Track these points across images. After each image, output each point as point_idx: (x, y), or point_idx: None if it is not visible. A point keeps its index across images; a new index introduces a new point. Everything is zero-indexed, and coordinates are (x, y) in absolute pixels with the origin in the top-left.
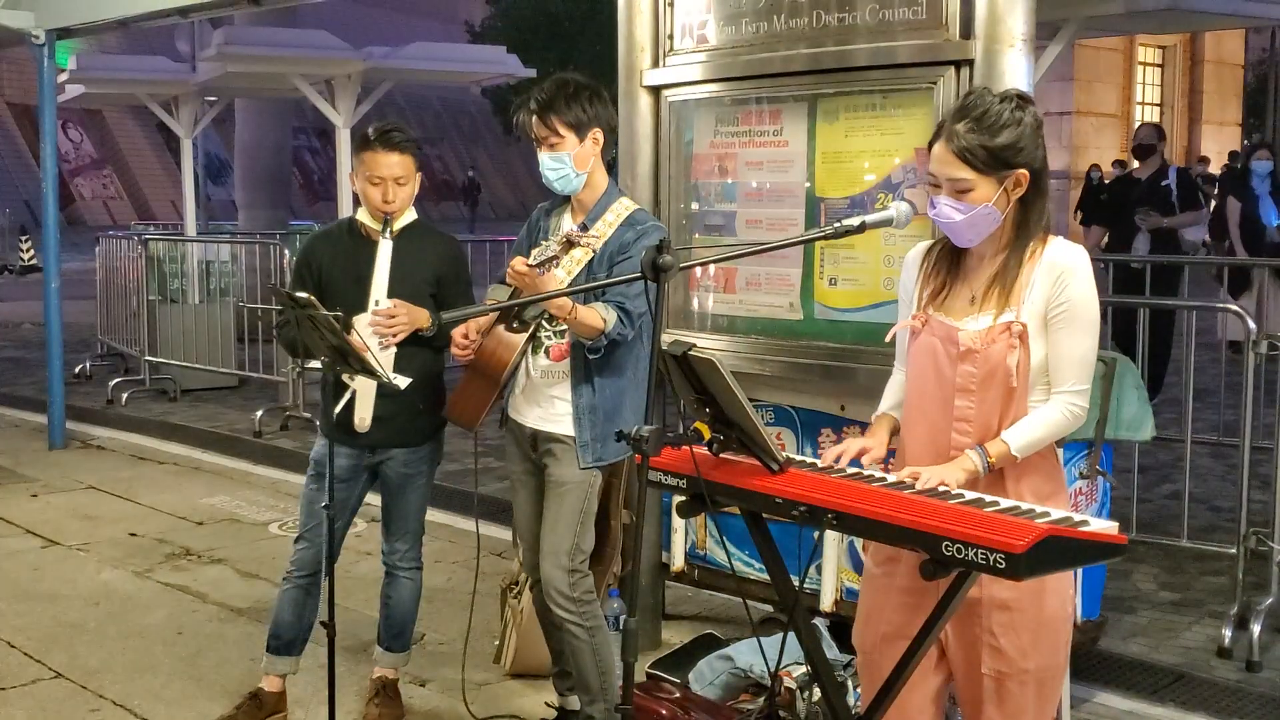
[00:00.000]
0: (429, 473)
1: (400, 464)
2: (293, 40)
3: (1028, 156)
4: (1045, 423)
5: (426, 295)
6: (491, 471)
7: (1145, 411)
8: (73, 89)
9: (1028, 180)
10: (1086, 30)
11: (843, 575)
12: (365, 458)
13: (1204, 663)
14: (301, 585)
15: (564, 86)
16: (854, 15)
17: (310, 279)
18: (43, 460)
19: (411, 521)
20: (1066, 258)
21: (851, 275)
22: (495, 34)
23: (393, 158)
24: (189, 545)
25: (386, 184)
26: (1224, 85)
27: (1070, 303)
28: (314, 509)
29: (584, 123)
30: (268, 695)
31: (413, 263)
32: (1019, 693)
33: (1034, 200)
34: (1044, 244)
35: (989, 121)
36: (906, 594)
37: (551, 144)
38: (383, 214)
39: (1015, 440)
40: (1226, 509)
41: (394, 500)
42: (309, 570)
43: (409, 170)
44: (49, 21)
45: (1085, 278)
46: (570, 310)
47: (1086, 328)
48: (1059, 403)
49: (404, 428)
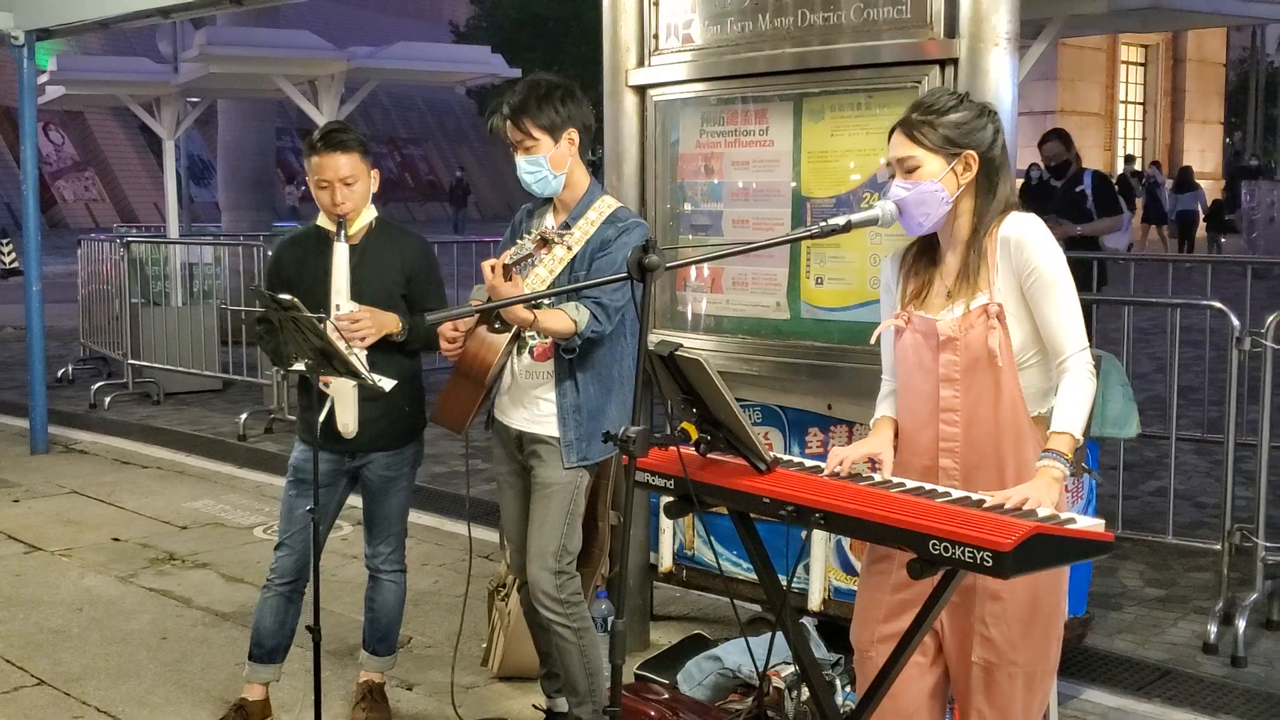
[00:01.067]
0: (410, 475)
1: (382, 467)
2: (275, 40)
3: (976, 139)
4: (1082, 394)
5: (398, 296)
6: (479, 473)
7: (1130, 409)
8: (53, 90)
9: (976, 163)
10: (1070, 29)
11: (830, 575)
12: (346, 462)
13: (1189, 658)
14: (283, 593)
15: (535, 88)
16: (839, 14)
17: (280, 287)
18: (25, 465)
19: (394, 524)
20: (1018, 229)
21: (838, 274)
22: (480, 34)
23: (339, 159)
24: (173, 550)
25: (335, 186)
26: (1206, 84)
27: (1038, 268)
28: (294, 515)
29: (558, 124)
30: (253, 705)
31: (379, 264)
32: (1007, 685)
33: (990, 191)
34: (1000, 223)
35: (940, 106)
36: (900, 592)
37: (526, 147)
38: (336, 216)
39: (1072, 425)
40: (1211, 505)
41: (376, 504)
42: (290, 577)
43: (358, 170)
44: (28, 22)
45: (1044, 240)
46: (533, 322)
47: (1064, 287)
48: (1077, 368)
49: (384, 431)
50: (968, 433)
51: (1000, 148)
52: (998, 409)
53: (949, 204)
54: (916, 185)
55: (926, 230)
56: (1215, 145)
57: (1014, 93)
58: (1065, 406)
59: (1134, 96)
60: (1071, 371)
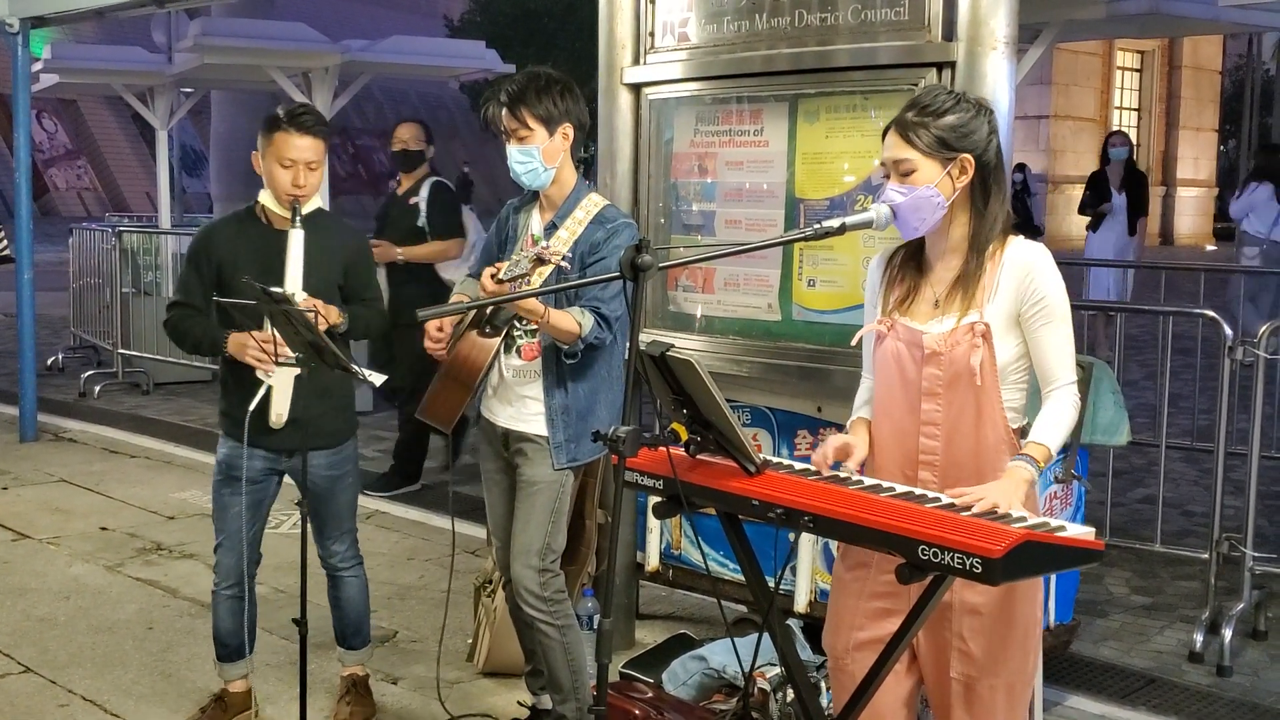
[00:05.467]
0: (355, 470)
1: (324, 468)
2: (270, 32)
3: (972, 143)
4: (1065, 419)
5: (334, 287)
6: (465, 469)
7: (1121, 416)
8: (47, 79)
9: (972, 167)
10: (1067, 34)
11: (817, 577)
12: (281, 461)
13: (1175, 667)
14: (232, 594)
15: (535, 79)
16: (836, 15)
17: (209, 272)
18: (13, 453)
19: (345, 522)
20: (1028, 256)
21: (830, 277)
22: (474, 29)
23: (305, 141)
24: (160, 540)
25: (298, 168)
26: (1201, 91)
27: (1045, 299)
28: (229, 514)
29: (554, 117)
30: (233, 696)
31: (320, 253)
32: (989, 697)
33: (987, 197)
34: (1004, 245)
35: (935, 107)
36: (878, 599)
37: (520, 137)
38: (291, 199)
39: (1051, 440)
40: (1199, 514)
41: (324, 505)
42: (233, 579)
43: (320, 155)
44: (23, 10)
45: (1051, 271)
46: (544, 315)
47: (1064, 319)
48: (1065, 397)
49: (323, 430)
50: (948, 447)
51: (995, 150)
52: (979, 425)
53: (945, 208)
54: (912, 190)
55: (923, 234)
56: (1209, 153)
57: (1011, 97)
58: (1046, 424)
59: (1129, 103)
60: (1058, 399)
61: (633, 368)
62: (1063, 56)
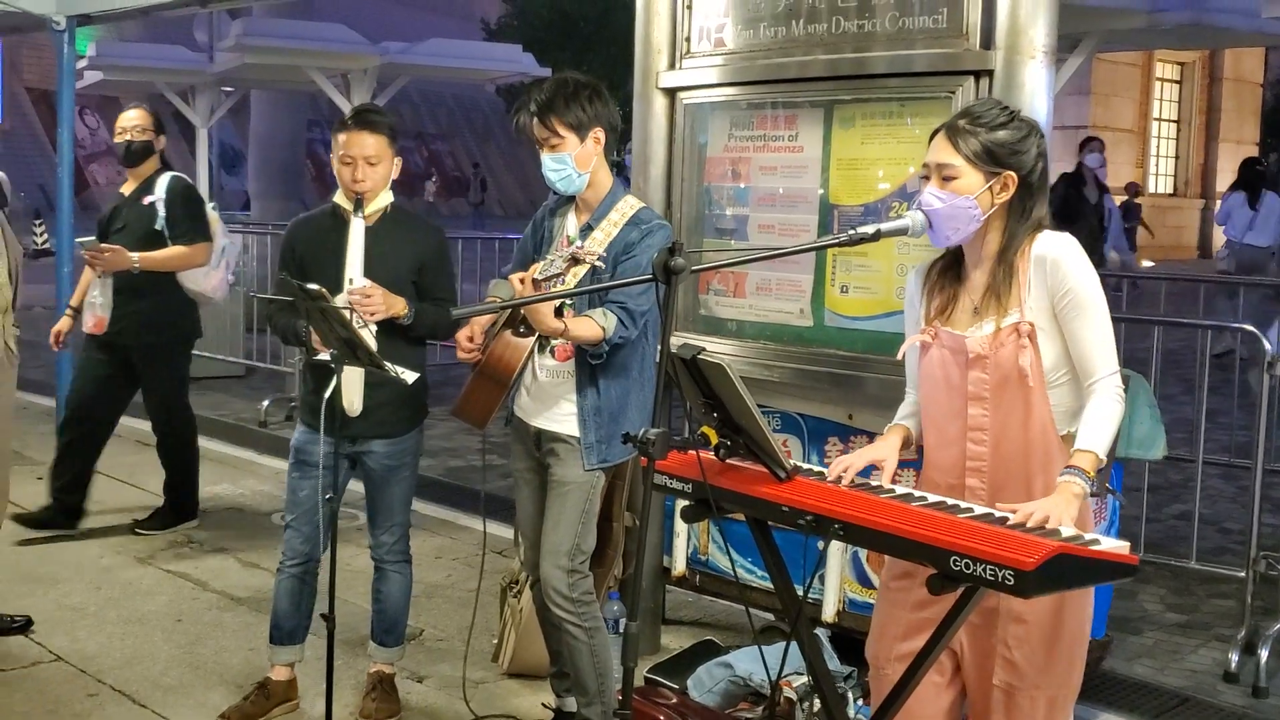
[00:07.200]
0: (413, 464)
1: (383, 456)
2: (310, 33)
3: (1019, 162)
4: (1110, 417)
5: (408, 281)
6: (495, 468)
7: (1157, 430)
8: (91, 76)
9: (1015, 184)
10: (1106, 44)
11: (845, 586)
12: (345, 447)
13: (1210, 686)
14: (295, 574)
15: (563, 86)
16: (873, 22)
17: (293, 264)
18: (49, 444)
19: (398, 514)
20: (1054, 247)
21: (864, 283)
22: (511, 32)
23: (366, 138)
24: (191, 533)
25: (358, 163)
26: (1242, 103)
27: (1073, 289)
28: (299, 497)
29: (584, 123)
30: (275, 684)
31: (392, 247)
32: (1029, 708)
33: (1023, 212)
34: (1031, 241)
35: (989, 120)
36: (921, 609)
37: (552, 145)
38: (353, 193)
39: (1097, 443)
40: (1236, 531)
41: (379, 493)
42: (300, 558)
43: (383, 151)
44: (70, 8)
45: (1079, 260)
46: (563, 331)
47: (1097, 308)
48: (1107, 392)
49: (385, 419)
50: (995, 452)
51: (1040, 172)
52: (1027, 429)
53: (980, 221)
54: (951, 198)
55: (954, 244)
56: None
57: (1049, 107)
58: (1091, 426)
59: (1168, 114)
60: (1099, 394)
61: (664, 370)
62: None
